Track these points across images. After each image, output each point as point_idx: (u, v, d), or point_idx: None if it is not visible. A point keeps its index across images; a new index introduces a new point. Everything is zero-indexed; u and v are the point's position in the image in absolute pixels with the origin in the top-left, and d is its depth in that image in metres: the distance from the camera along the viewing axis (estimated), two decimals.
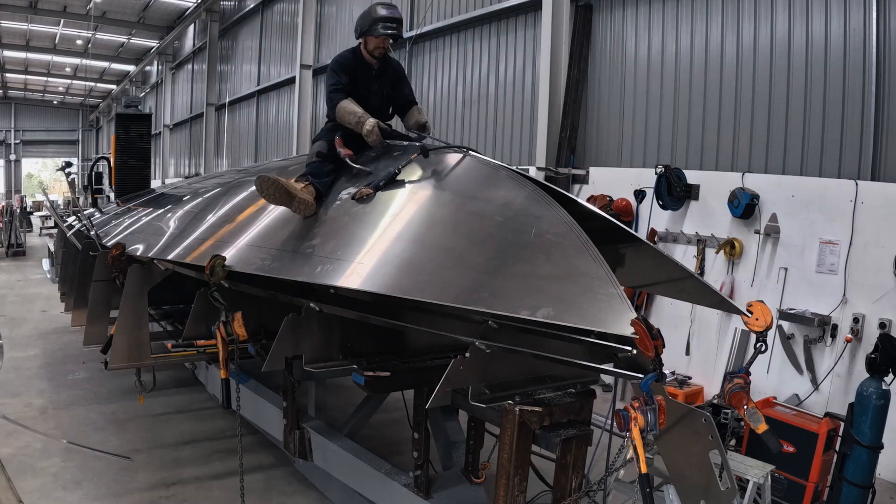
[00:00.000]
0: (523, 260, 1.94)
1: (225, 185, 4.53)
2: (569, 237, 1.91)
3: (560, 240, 1.92)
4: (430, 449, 2.85)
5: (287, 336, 2.77)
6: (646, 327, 1.68)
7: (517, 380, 2.35)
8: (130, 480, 3.80)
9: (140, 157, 7.82)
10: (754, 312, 1.97)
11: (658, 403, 1.75)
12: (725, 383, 1.96)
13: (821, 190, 4.53)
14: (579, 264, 1.82)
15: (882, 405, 3.13)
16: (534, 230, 1.99)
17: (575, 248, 1.87)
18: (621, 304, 1.68)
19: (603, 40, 6.40)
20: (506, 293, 1.85)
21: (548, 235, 1.95)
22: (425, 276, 2.07)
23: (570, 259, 1.85)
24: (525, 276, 1.88)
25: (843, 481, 3.18)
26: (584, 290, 1.75)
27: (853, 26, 4.45)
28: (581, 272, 1.80)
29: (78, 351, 6.17)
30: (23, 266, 13.01)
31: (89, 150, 33.51)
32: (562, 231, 1.94)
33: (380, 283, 2.14)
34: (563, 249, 1.89)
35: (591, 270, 1.78)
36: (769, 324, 1.97)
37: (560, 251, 1.89)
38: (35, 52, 22.32)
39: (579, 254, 1.85)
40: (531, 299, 1.79)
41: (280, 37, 13.68)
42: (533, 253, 1.93)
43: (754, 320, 1.96)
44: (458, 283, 1.98)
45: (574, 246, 1.88)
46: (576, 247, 1.87)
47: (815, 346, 4.50)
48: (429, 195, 2.49)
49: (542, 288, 1.82)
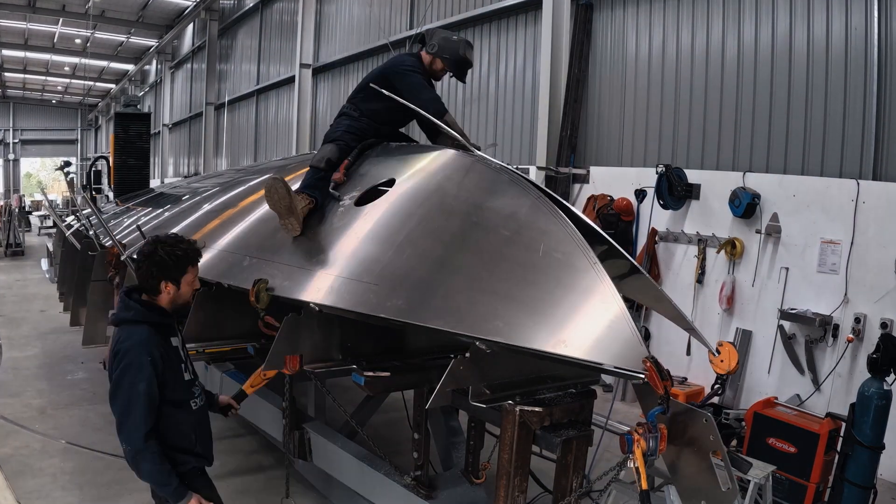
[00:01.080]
0: (535, 285, 1.93)
1: (224, 185, 4.51)
2: (578, 258, 1.91)
3: (570, 260, 1.92)
4: (431, 449, 2.85)
5: (286, 336, 2.75)
6: (656, 367, 1.69)
7: (517, 380, 2.34)
8: (129, 480, 3.78)
9: (139, 156, 7.81)
10: (722, 353, 1.97)
11: (661, 432, 1.78)
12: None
13: (822, 189, 4.52)
14: (591, 290, 1.83)
15: (883, 405, 3.13)
16: (542, 247, 1.98)
17: (585, 271, 1.88)
18: (633, 338, 1.70)
19: (603, 39, 6.39)
20: (519, 322, 1.86)
21: (556, 254, 1.95)
22: (438, 301, 2.07)
23: (581, 284, 1.86)
24: (537, 302, 1.89)
25: (844, 482, 3.17)
26: (597, 321, 1.77)
27: (854, 25, 4.44)
28: (593, 301, 1.81)
29: (77, 351, 6.14)
30: (21, 266, 12.99)
31: (88, 149, 33.46)
32: (570, 250, 1.94)
33: (394, 308, 2.14)
34: (573, 272, 1.89)
35: (604, 298, 1.80)
36: (733, 369, 1.98)
37: (571, 274, 1.90)
38: (34, 51, 22.28)
39: (591, 279, 1.86)
40: (544, 330, 1.80)
41: (279, 36, 13.66)
42: (544, 276, 1.93)
43: (719, 361, 1.97)
44: (472, 310, 1.98)
45: (584, 269, 1.88)
46: (586, 269, 1.88)
47: (816, 346, 4.49)
48: (432, 200, 2.47)
49: (554, 317, 1.83)
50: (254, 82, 14.92)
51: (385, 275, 2.27)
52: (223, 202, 4.02)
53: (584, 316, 1.80)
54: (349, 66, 10.97)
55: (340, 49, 11.12)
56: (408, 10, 9.23)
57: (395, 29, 9.50)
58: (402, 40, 9.21)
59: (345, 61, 10.99)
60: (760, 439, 3.53)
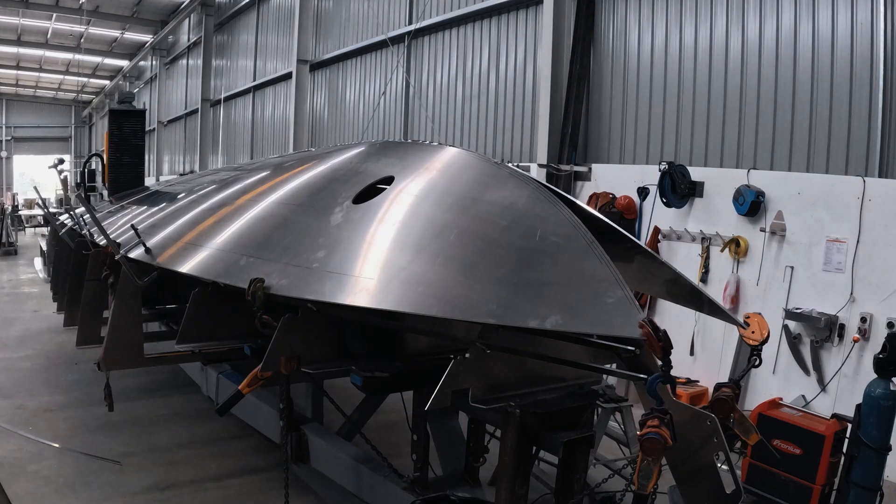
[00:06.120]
0: (529, 266, 1.91)
1: (220, 183, 4.44)
2: (574, 238, 1.90)
3: (565, 241, 1.90)
4: (430, 451, 2.80)
5: (283, 336, 2.69)
6: (652, 329, 1.64)
7: (518, 381, 2.30)
8: (124, 484, 3.73)
9: (134, 153, 7.70)
10: (751, 324, 1.92)
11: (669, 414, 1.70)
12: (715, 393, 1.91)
13: (828, 187, 4.47)
14: (585, 267, 1.81)
15: (890, 406, 3.08)
16: (538, 233, 1.97)
17: (580, 249, 1.86)
18: (628, 305, 1.66)
19: (606, 34, 6.32)
20: (513, 303, 1.82)
21: (552, 238, 1.94)
22: (432, 290, 2.04)
23: (575, 262, 1.84)
24: (531, 283, 1.86)
25: (850, 484, 3.13)
26: (591, 294, 1.74)
27: (860, 20, 4.39)
28: (587, 275, 1.79)
29: (71, 352, 6.05)
30: (14, 265, 12.89)
31: (82, 146, 33.25)
32: (566, 232, 1.93)
33: (390, 300, 2.10)
34: (568, 252, 1.88)
35: (597, 272, 1.77)
36: (766, 337, 1.92)
37: (565, 254, 1.88)
38: (27, 46, 22.08)
39: (585, 256, 1.84)
40: (539, 308, 1.76)
41: (277, 31, 13.55)
42: (539, 258, 1.91)
43: (750, 333, 1.92)
44: (466, 296, 1.95)
45: (580, 248, 1.86)
46: (581, 248, 1.86)
47: (821, 346, 4.45)
48: (431, 198, 2.44)
49: (549, 295, 1.81)
50: (250, 78, 14.80)
51: (382, 270, 2.23)
52: (219, 200, 3.94)
53: (578, 288, 1.78)
54: (347, 61, 10.88)
55: (338, 44, 11.03)
56: (407, 5, 9.14)
57: (394, 24, 9.41)
58: (402, 35, 9.13)
59: (343, 57, 10.90)
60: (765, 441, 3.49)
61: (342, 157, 3.30)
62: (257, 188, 3.57)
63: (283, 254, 2.67)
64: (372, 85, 10.15)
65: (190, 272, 2.96)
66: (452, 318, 1.95)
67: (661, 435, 1.62)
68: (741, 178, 4.92)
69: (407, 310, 2.04)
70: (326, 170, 3.23)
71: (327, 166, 3.27)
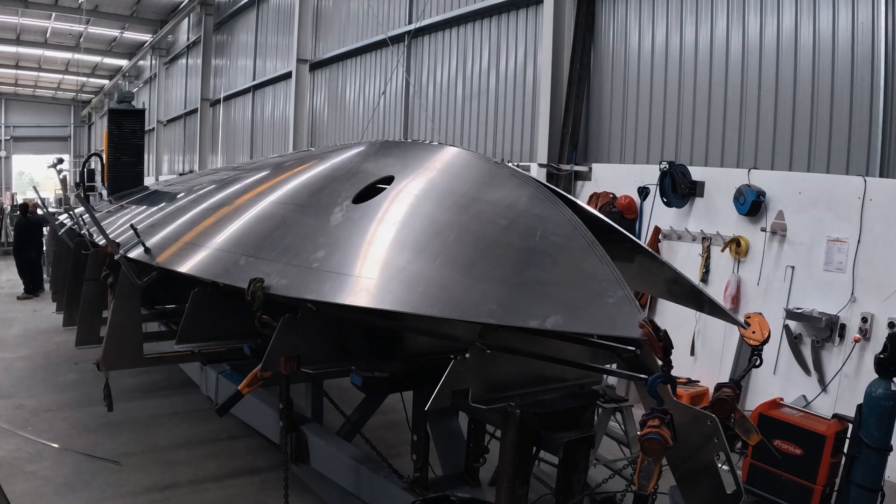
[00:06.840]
0: (530, 266, 1.91)
1: (219, 183, 4.43)
2: (574, 238, 1.89)
3: (565, 241, 1.90)
4: (430, 451, 2.79)
5: (283, 336, 2.68)
6: (652, 329, 1.63)
7: (518, 381, 2.29)
8: (124, 484, 3.72)
9: (133, 153, 7.69)
10: (752, 324, 1.91)
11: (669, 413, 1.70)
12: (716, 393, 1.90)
13: (828, 187, 4.46)
14: (585, 267, 1.80)
15: (891, 406, 3.08)
16: (538, 232, 1.97)
17: (581, 249, 1.85)
18: (629, 305, 1.65)
19: (606, 33, 6.31)
20: (514, 303, 1.82)
21: (553, 237, 1.93)
22: (432, 290, 2.03)
23: (576, 262, 1.83)
24: (532, 283, 1.85)
25: (851, 484, 3.12)
26: (591, 293, 1.73)
27: (861, 19, 4.38)
28: (588, 275, 1.78)
29: (70, 352, 6.05)
30: (13, 264, 12.86)
31: (81, 146, 33.22)
32: (567, 232, 1.92)
33: (390, 300, 2.09)
34: (568, 252, 1.87)
35: (597, 272, 1.76)
36: (766, 337, 1.92)
37: (566, 254, 1.87)
38: (26, 46, 22.06)
39: (585, 255, 1.83)
40: (540, 308, 1.76)
41: (276, 30, 13.53)
42: (539, 257, 1.91)
43: (751, 333, 1.91)
44: (466, 296, 1.94)
45: (580, 247, 1.86)
46: (581, 248, 1.85)
47: (822, 346, 4.45)
48: (431, 197, 2.43)
49: (549, 294, 1.80)
50: (250, 78, 14.79)
51: (382, 269, 2.22)
52: (218, 200, 3.93)
53: (578, 288, 1.77)
54: (347, 61, 10.87)
55: (338, 44, 11.01)
56: (407, 5, 9.13)
57: (394, 23, 9.40)
58: (402, 35, 9.12)
59: (342, 56, 10.89)
60: (766, 441, 3.48)
61: (342, 156, 3.29)
62: (257, 188, 3.56)
63: (283, 254, 2.66)
64: (372, 84, 10.14)
65: (189, 272, 2.95)
66: (452, 318, 1.95)
67: (661, 435, 1.62)
68: (742, 177, 4.92)
69: (407, 310, 2.03)
70: (326, 169, 3.22)
71: (327, 166, 3.26)
